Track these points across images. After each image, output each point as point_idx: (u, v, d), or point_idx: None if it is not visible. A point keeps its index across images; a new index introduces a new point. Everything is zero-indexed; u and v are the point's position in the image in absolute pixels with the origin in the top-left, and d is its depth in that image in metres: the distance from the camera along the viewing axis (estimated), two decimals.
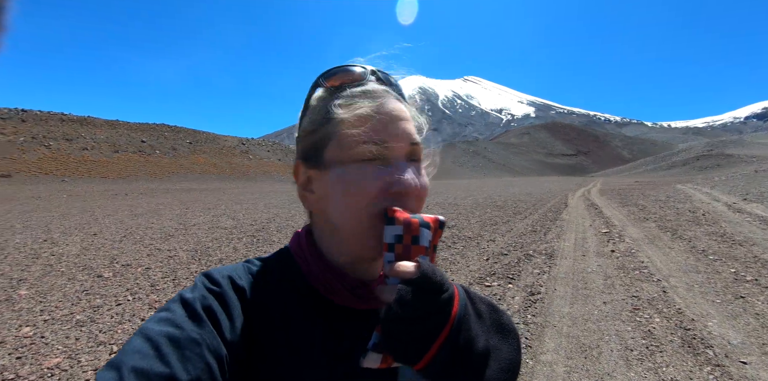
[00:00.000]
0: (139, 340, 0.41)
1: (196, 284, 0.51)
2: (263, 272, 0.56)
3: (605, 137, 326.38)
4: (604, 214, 10.73)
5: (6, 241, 7.21)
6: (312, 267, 0.55)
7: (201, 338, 0.43)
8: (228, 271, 0.53)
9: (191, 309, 0.46)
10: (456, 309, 0.43)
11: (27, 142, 40.15)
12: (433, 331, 0.41)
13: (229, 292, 0.50)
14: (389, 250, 0.46)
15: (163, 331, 0.42)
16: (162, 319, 0.44)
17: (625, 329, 3.32)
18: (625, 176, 73.15)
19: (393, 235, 0.46)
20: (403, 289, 0.41)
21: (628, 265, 5.36)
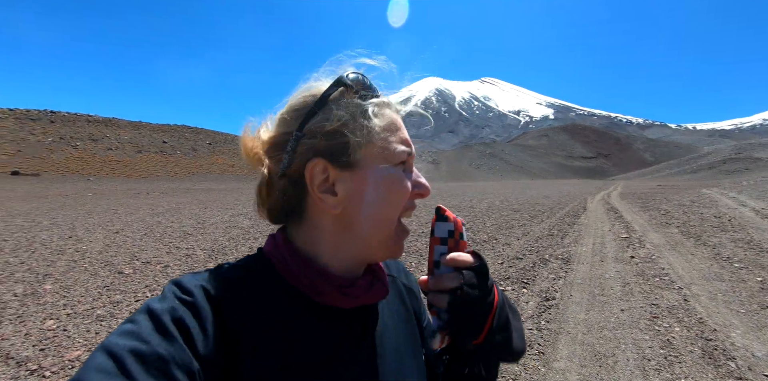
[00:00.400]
0: (102, 357, 0.39)
1: (166, 294, 0.47)
2: (239, 278, 0.53)
3: (626, 139, 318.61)
4: (624, 219, 10.47)
5: (34, 237, 7.49)
6: (294, 269, 0.53)
7: (169, 354, 0.40)
8: (200, 280, 0.50)
9: (159, 322, 0.43)
10: (497, 292, 0.55)
11: (55, 142, 41.69)
12: (488, 309, 0.52)
13: (202, 303, 0.47)
14: (442, 243, 0.55)
15: (127, 346, 0.40)
16: (127, 332, 0.41)
17: (642, 338, 3.23)
18: (647, 180, 71.21)
19: (446, 230, 0.55)
20: (468, 274, 0.52)
21: (648, 271, 5.22)
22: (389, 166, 0.53)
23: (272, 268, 0.54)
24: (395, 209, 0.54)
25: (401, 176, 0.54)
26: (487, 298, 0.52)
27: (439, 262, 0.54)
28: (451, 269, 0.53)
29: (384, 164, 0.53)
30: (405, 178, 0.55)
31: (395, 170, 0.54)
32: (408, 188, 0.55)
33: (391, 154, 0.53)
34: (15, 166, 33.66)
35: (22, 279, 4.79)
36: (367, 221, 0.53)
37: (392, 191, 0.53)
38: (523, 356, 0.61)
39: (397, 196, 0.54)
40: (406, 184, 0.55)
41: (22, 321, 3.54)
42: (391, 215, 0.54)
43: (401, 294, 0.68)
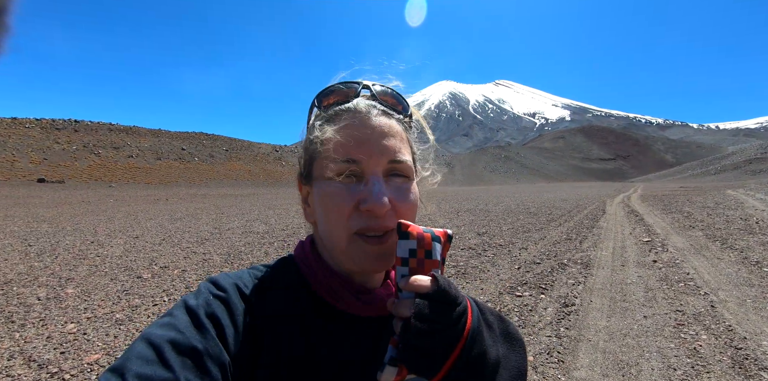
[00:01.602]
0: (142, 345, 0.41)
1: (201, 290, 0.51)
2: (269, 279, 0.56)
3: (646, 140, 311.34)
4: (645, 222, 10.19)
5: (57, 243, 7.71)
6: (317, 274, 0.56)
7: (203, 347, 0.43)
8: (234, 278, 0.54)
9: (195, 316, 0.46)
10: (470, 321, 0.45)
11: (79, 150, 43.09)
12: (450, 343, 0.42)
13: (234, 299, 0.50)
14: (403, 264, 0.47)
15: (166, 337, 0.42)
16: (165, 325, 0.44)
17: (667, 346, 3.10)
18: (669, 181, 69.34)
19: (407, 250, 0.47)
20: (421, 303, 0.42)
21: (672, 276, 5.04)
22: (325, 180, 0.52)
23: (298, 272, 0.57)
24: (335, 223, 0.51)
25: (333, 191, 0.51)
26: (447, 330, 0.42)
27: (399, 285, 0.47)
28: (412, 294, 0.45)
29: (325, 177, 0.53)
30: (340, 193, 0.51)
31: (329, 184, 0.52)
32: (343, 203, 0.51)
33: (328, 168, 0.52)
34: (41, 174, 34.90)
35: (46, 283, 4.92)
36: (322, 234, 0.56)
37: (325, 205, 0.52)
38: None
39: (329, 210, 0.51)
40: (338, 198, 0.51)
41: (45, 324, 3.62)
42: (334, 229, 0.52)
43: None
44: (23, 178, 33.56)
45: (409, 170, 0.55)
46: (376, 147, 0.52)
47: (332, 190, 0.51)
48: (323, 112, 0.57)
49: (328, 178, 0.52)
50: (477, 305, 0.50)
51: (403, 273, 0.47)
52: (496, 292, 4.55)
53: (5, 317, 3.75)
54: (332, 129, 0.53)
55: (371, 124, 0.53)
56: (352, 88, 0.57)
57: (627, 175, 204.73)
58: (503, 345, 0.49)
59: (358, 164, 0.51)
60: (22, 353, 3.04)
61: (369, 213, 0.50)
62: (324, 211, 0.52)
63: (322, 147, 0.52)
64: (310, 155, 0.56)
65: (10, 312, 3.89)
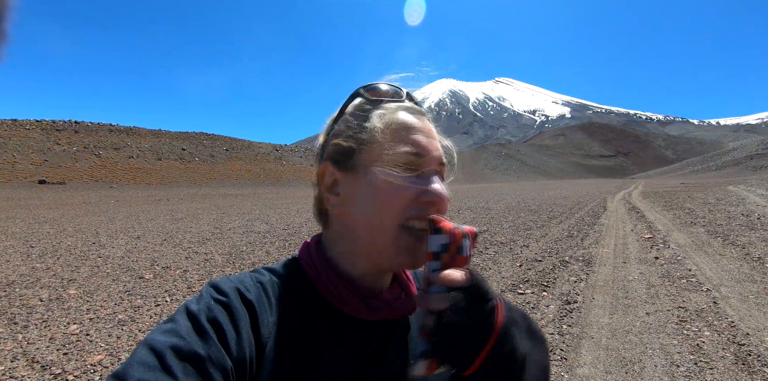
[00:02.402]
0: (144, 351, 0.41)
1: (202, 295, 0.50)
2: (272, 283, 0.55)
3: (646, 137, 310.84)
4: (646, 219, 10.18)
5: (59, 243, 7.72)
6: (323, 277, 0.55)
7: (206, 353, 0.43)
8: (236, 282, 0.52)
9: (196, 321, 0.45)
10: (502, 315, 0.45)
11: (80, 151, 43.10)
12: (484, 336, 0.43)
13: (236, 304, 0.49)
14: (435, 258, 0.48)
15: (168, 343, 0.42)
16: (167, 331, 0.44)
17: (670, 343, 3.10)
18: (670, 178, 69.25)
19: (439, 245, 0.48)
20: (456, 296, 0.43)
21: (674, 273, 5.03)
22: (385, 169, 0.52)
23: (303, 274, 0.56)
24: (387, 214, 0.51)
25: (396, 179, 0.51)
26: (481, 324, 0.43)
27: (431, 279, 0.47)
28: (444, 288, 0.45)
29: (381, 167, 0.52)
30: (402, 182, 0.51)
31: (390, 174, 0.51)
32: (404, 193, 0.51)
33: (389, 157, 0.52)
34: (42, 175, 34.93)
35: (48, 284, 4.93)
36: (360, 225, 0.53)
37: (382, 195, 0.51)
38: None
39: (386, 200, 0.51)
40: (400, 188, 0.51)
41: (47, 325, 3.63)
42: (384, 220, 0.51)
43: None
44: (24, 179, 33.59)
45: (445, 173, 0.58)
46: (434, 147, 0.55)
47: (396, 179, 0.51)
48: (375, 104, 0.57)
49: (390, 167, 0.52)
50: (504, 302, 0.50)
51: (434, 267, 0.47)
52: (498, 290, 4.55)
53: (8, 319, 3.76)
54: (396, 121, 0.54)
55: (427, 126, 0.56)
56: (400, 91, 0.59)
57: (628, 172, 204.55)
58: (528, 341, 0.49)
59: (421, 159, 0.53)
60: (26, 355, 3.05)
61: (429, 204, 0.51)
62: (377, 199, 0.51)
63: (382, 136, 0.53)
64: (357, 142, 0.54)
65: (13, 313, 3.89)
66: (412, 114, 0.56)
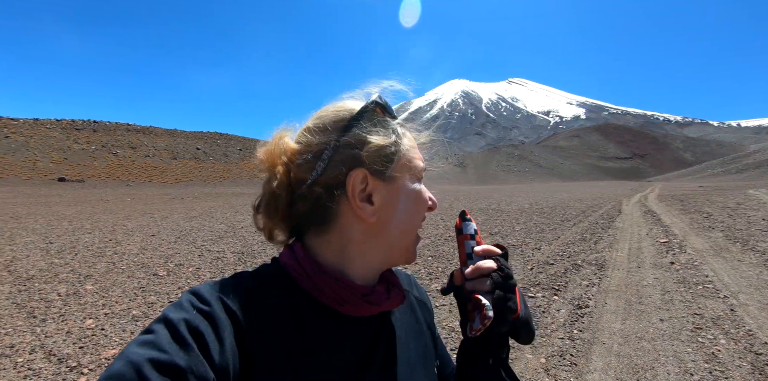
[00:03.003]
0: (121, 365, 0.39)
1: (183, 303, 0.48)
2: (258, 289, 0.53)
3: (664, 138, 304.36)
4: (663, 222, 9.97)
5: (77, 240, 7.92)
6: (317, 281, 0.53)
7: (187, 365, 0.41)
8: (218, 289, 0.51)
9: (176, 332, 0.43)
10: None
11: (98, 150, 44.11)
12: (515, 284, 0.59)
13: (219, 312, 0.47)
14: (471, 238, 0.64)
15: (146, 355, 0.40)
16: (145, 342, 0.42)
17: (684, 350, 3.03)
18: (688, 181, 67.69)
19: (473, 229, 0.65)
20: (500, 259, 0.60)
21: (690, 278, 4.92)
22: (414, 180, 0.60)
23: (290, 279, 0.55)
24: (419, 219, 0.60)
25: (423, 190, 0.61)
26: (513, 278, 0.59)
27: (472, 254, 0.62)
28: (482, 258, 0.60)
29: (411, 178, 0.59)
30: (426, 192, 0.61)
31: (419, 184, 0.60)
32: (427, 201, 0.61)
33: (416, 170, 0.60)
34: (62, 173, 35.85)
35: (66, 279, 5.06)
36: (395, 230, 0.58)
37: (418, 203, 0.59)
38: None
39: (421, 207, 0.60)
40: (426, 197, 0.61)
41: (65, 319, 3.73)
42: (416, 225, 0.60)
43: (413, 306, 0.70)
44: (45, 177, 34.53)
45: None
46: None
47: (422, 189, 0.60)
48: (395, 118, 0.61)
49: (419, 179, 0.61)
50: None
51: (472, 245, 0.63)
52: None
53: (27, 312, 3.87)
54: (410, 136, 0.62)
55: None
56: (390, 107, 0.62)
57: (644, 174, 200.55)
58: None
59: (425, 171, 0.62)
60: (43, 347, 3.14)
61: (430, 210, 0.62)
62: (413, 207, 0.59)
63: (409, 150, 0.59)
64: (391, 153, 0.57)
65: (32, 307, 4.01)
66: (417, 132, 0.64)
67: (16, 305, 4.07)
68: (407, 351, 0.61)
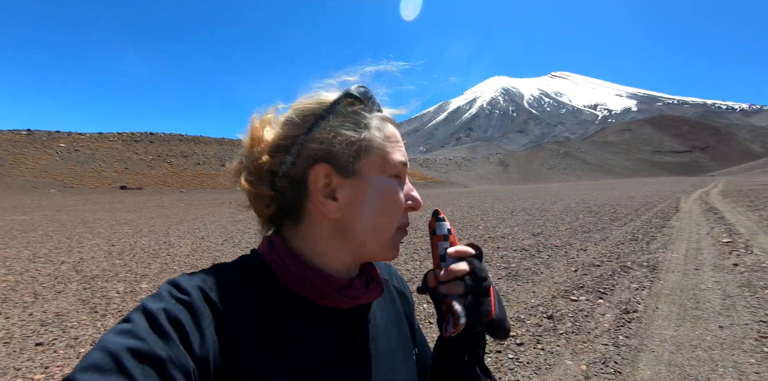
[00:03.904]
0: (98, 354, 0.39)
1: (162, 293, 0.47)
2: (237, 279, 0.53)
3: (728, 129, 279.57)
4: (726, 220, 9.16)
5: (135, 243, 8.55)
6: (294, 273, 0.53)
7: (166, 354, 0.40)
8: (198, 280, 0.50)
9: (155, 321, 0.43)
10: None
11: (154, 159, 47.40)
12: (489, 286, 0.58)
13: (198, 303, 0.47)
14: (444, 239, 0.62)
15: (123, 344, 0.39)
16: (123, 331, 0.41)
17: (747, 361, 2.76)
18: (756, 174, 61.75)
19: (446, 229, 0.62)
20: (474, 260, 0.59)
21: (757, 282, 4.48)
22: (386, 177, 0.55)
23: (268, 270, 0.55)
24: (391, 219, 0.56)
25: (396, 188, 0.56)
26: (488, 277, 0.58)
27: (445, 256, 0.60)
28: (455, 260, 0.59)
29: (382, 175, 0.55)
30: (399, 190, 0.57)
31: (391, 181, 0.56)
32: (402, 201, 0.57)
33: (389, 166, 0.56)
34: (123, 182, 38.89)
35: (124, 279, 5.48)
36: (363, 229, 0.55)
37: (388, 202, 0.55)
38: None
39: (392, 207, 0.56)
40: (399, 196, 0.57)
41: (122, 315, 4.02)
42: (387, 225, 0.56)
43: (393, 297, 0.70)
44: (108, 185, 37.60)
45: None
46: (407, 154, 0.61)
47: (395, 188, 0.56)
48: (370, 111, 0.56)
49: (389, 176, 0.56)
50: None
51: (446, 246, 0.61)
52: (549, 296, 4.34)
53: (90, 308, 4.23)
54: (387, 132, 0.57)
55: (399, 133, 0.60)
56: (373, 97, 0.59)
57: (706, 169, 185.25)
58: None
59: (405, 168, 0.58)
60: None
61: (412, 210, 0.59)
62: (382, 205, 0.55)
63: (383, 145, 0.55)
64: (358, 148, 0.54)
65: (95, 304, 4.37)
66: (394, 124, 0.59)
67: (81, 301, 4.46)
68: (386, 340, 0.62)
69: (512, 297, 4.37)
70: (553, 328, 3.46)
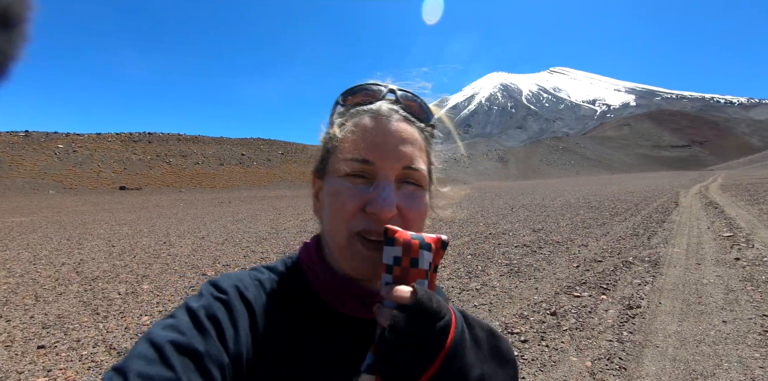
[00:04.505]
0: (145, 346, 0.42)
1: (202, 292, 0.51)
2: (271, 281, 0.55)
3: (727, 123, 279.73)
4: (726, 215, 9.16)
5: (136, 243, 8.53)
6: (321, 277, 0.55)
7: (204, 348, 0.43)
8: (235, 280, 0.53)
9: (196, 318, 0.46)
10: (451, 337, 0.43)
11: (153, 159, 47.30)
12: (427, 358, 0.42)
13: (235, 301, 0.50)
14: (387, 271, 0.46)
15: (168, 337, 0.43)
16: (167, 326, 0.45)
17: (751, 356, 2.76)
18: (756, 168, 61.80)
19: (392, 257, 0.46)
20: (397, 315, 0.42)
21: (759, 276, 4.48)
22: (336, 177, 0.53)
23: (302, 274, 0.57)
24: (336, 222, 0.52)
25: (343, 188, 0.52)
26: (425, 344, 0.42)
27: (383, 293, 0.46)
28: (395, 304, 0.44)
29: (335, 175, 0.53)
30: (348, 191, 0.51)
31: (339, 182, 0.52)
32: (349, 202, 0.51)
33: (340, 164, 0.53)
34: (122, 182, 38.82)
35: (125, 279, 5.46)
36: (325, 230, 0.56)
37: (332, 202, 0.53)
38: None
39: (335, 207, 0.52)
40: (345, 196, 0.51)
41: (124, 316, 4.02)
42: (336, 227, 0.52)
43: None
44: (107, 186, 37.51)
45: (423, 179, 0.55)
46: (392, 151, 0.52)
47: (341, 188, 0.52)
48: (346, 109, 0.57)
49: (339, 175, 0.52)
50: (465, 320, 0.48)
51: (386, 281, 0.46)
52: (551, 292, 4.33)
53: (92, 310, 4.22)
54: (351, 127, 0.53)
55: (390, 128, 0.53)
56: (378, 91, 0.57)
57: (704, 163, 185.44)
58: (491, 363, 0.47)
59: (371, 165, 0.51)
60: (105, 342, 3.40)
61: (374, 216, 0.50)
62: (329, 207, 0.53)
63: (339, 144, 0.53)
64: (327, 150, 0.56)
65: (96, 305, 4.36)
66: (372, 118, 0.54)
67: (82, 303, 4.44)
68: None
69: (515, 294, 4.36)
70: (557, 325, 3.45)
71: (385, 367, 0.43)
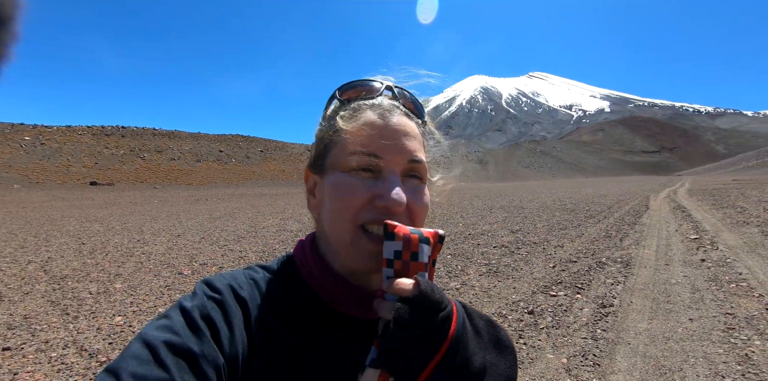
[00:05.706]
0: (138, 346, 0.41)
1: (196, 292, 0.50)
2: (265, 280, 0.55)
3: (695, 130, 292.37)
4: (693, 218, 9.59)
5: (107, 241, 8.24)
6: (317, 276, 0.55)
7: (199, 349, 0.43)
8: (229, 279, 0.53)
9: (190, 318, 0.45)
10: (454, 327, 0.44)
11: (126, 154, 45.74)
12: (431, 349, 0.42)
13: (229, 301, 0.49)
14: (388, 265, 0.46)
15: (161, 338, 0.42)
16: (161, 326, 0.44)
17: (715, 351, 2.91)
18: (721, 174, 64.85)
19: (392, 251, 0.46)
20: (401, 308, 0.42)
21: (723, 276, 4.71)
22: (341, 172, 0.52)
23: (297, 272, 0.57)
24: (342, 217, 0.51)
25: (349, 182, 0.51)
26: (429, 335, 0.42)
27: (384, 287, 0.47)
28: (396, 297, 0.44)
29: (338, 169, 0.53)
30: (355, 185, 0.51)
31: (345, 176, 0.52)
32: (357, 195, 0.50)
33: (344, 159, 0.52)
34: (93, 177, 37.36)
35: (97, 278, 5.27)
36: (327, 226, 0.54)
37: (337, 198, 0.52)
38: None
39: (341, 203, 0.51)
40: (353, 190, 0.51)
41: (95, 317, 3.89)
42: (341, 221, 0.51)
43: None
44: (77, 181, 36.04)
45: (425, 172, 0.56)
46: (399, 145, 0.52)
47: (349, 181, 0.51)
48: (345, 104, 0.56)
49: (345, 170, 0.52)
50: (465, 310, 0.49)
51: (388, 275, 0.46)
52: (529, 291, 4.43)
53: (61, 310, 4.06)
54: (357, 121, 0.53)
55: (395, 123, 0.53)
56: (375, 86, 0.57)
57: (673, 168, 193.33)
58: (492, 352, 0.48)
59: (379, 159, 0.51)
60: (75, 343, 3.28)
61: (385, 209, 0.50)
62: (333, 202, 0.52)
63: (344, 138, 0.52)
64: (326, 145, 0.55)
65: (66, 305, 4.19)
66: (375, 111, 0.54)
67: (51, 303, 4.26)
68: None
69: (494, 293, 4.45)
70: (534, 323, 3.54)
71: (390, 359, 0.42)
